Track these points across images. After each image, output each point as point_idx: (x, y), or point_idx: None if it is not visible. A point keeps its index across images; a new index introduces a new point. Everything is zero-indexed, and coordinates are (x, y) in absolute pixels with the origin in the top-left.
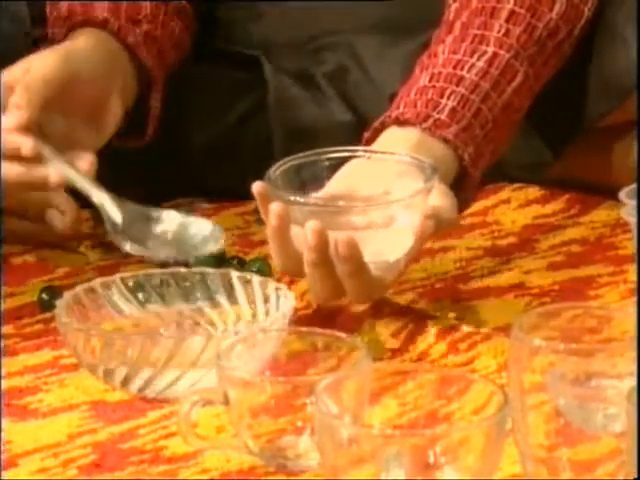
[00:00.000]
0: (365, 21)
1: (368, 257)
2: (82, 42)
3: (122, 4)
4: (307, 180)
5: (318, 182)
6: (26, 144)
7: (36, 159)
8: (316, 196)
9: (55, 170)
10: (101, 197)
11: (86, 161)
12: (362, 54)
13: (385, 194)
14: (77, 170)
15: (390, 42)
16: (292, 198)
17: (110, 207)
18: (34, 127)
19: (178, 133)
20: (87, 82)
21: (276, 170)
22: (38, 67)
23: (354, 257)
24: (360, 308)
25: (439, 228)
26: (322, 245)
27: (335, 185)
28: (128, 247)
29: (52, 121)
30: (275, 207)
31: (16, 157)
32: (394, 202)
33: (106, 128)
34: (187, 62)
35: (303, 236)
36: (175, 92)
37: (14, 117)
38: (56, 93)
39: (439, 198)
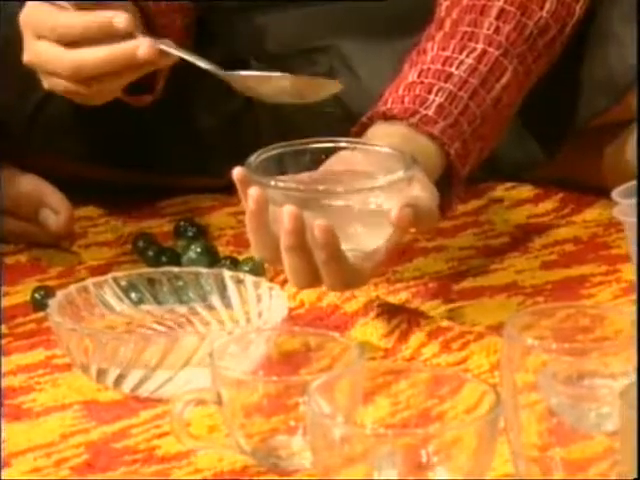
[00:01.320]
0: (354, 24)
1: (346, 245)
2: None
3: None
4: (288, 169)
5: (299, 171)
6: (120, 16)
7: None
8: (295, 179)
9: (147, 40)
10: (207, 64)
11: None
12: (350, 57)
13: (367, 179)
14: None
15: (378, 44)
16: (272, 183)
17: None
18: None
19: (167, 132)
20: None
21: (257, 158)
22: None
23: (330, 243)
24: (352, 307)
25: (418, 219)
26: (298, 229)
27: (317, 172)
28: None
29: None
30: (253, 192)
31: (99, 37)
32: (374, 188)
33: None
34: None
35: (280, 221)
36: (165, 91)
37: None
38: None
39: (419, 189)
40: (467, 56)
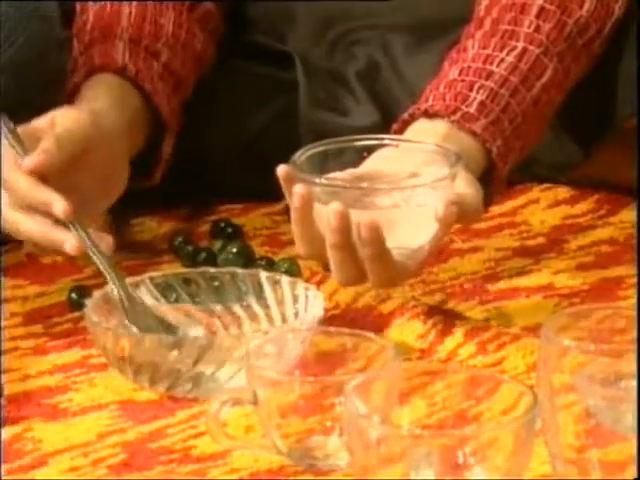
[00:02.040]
0: (398, 19)
1: (391, 243)
2: (102, 101)
3: (144, 25)
4: (332, 166)
5: (343, 168)
6: (59, 204)
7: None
8: (340, 176)
9: (75, 239)
10: (117, 287)
11: (106, 243)
12: (394, 50)
13: (412, 176)
14: (99, 251)
15: (422, 41)
16: (317, 180)
17: (123, 298)
18: (54, 178)
19: (206, 131)
20: (106, 149)
21: (301, 155)
22: (68, 124)
23: (376, 240)
24: (388, 308)
25: (463, 216)
26: (344, 227)
27: (361, 168)
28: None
29: (67, 180)
30: (299, 189)
31: (38, 211)
32: (418, 186)
33: (114, 190)
34: (210, 69)
35: (326, 218)
36: (204, 90)
37: (41, 158)
38: (79, 152)
39: (464, 186)
40: (508, 54)
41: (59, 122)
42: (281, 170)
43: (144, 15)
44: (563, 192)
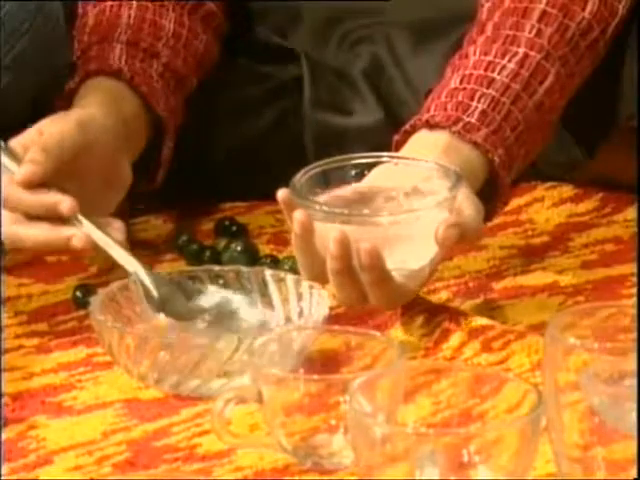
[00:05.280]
0: (401, 17)
1: (392, 265)
2: (95, 109)
3: (143, 27)
4: (333, 186)
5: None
6: (65, 202)
7: (61, 220)
8: (343, 193)
9: (83, 233)
10: (136, 267)
11: (118, 230)
12: (398, 48)
13: (413, 191)
14: (110, 237)
15: (426, 38)
16: (317, 207)
17: (145, 278)
18: (52, 185)
19: (210, 130)
20: (99, 152)
21: (302, 177)
22: (54, 132)
23: (376, 266)
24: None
25: (463, 237)
26: (344, 253)
27: (363, 183)
28: (162, 317)
29: (66, 185)
30: (299, 215)
31: (40, 219)
32: (419, 210)
33: (117, 191)
34: (215, 68)
35: (327, 239)
36: (209, 89)
37: (29, 169)
38: (70, 159)
39: (464, 205)
40: (509, 60)
41: (46, 131)
42: (281, 195)
43: (143, 17)
44: (567, 190)
